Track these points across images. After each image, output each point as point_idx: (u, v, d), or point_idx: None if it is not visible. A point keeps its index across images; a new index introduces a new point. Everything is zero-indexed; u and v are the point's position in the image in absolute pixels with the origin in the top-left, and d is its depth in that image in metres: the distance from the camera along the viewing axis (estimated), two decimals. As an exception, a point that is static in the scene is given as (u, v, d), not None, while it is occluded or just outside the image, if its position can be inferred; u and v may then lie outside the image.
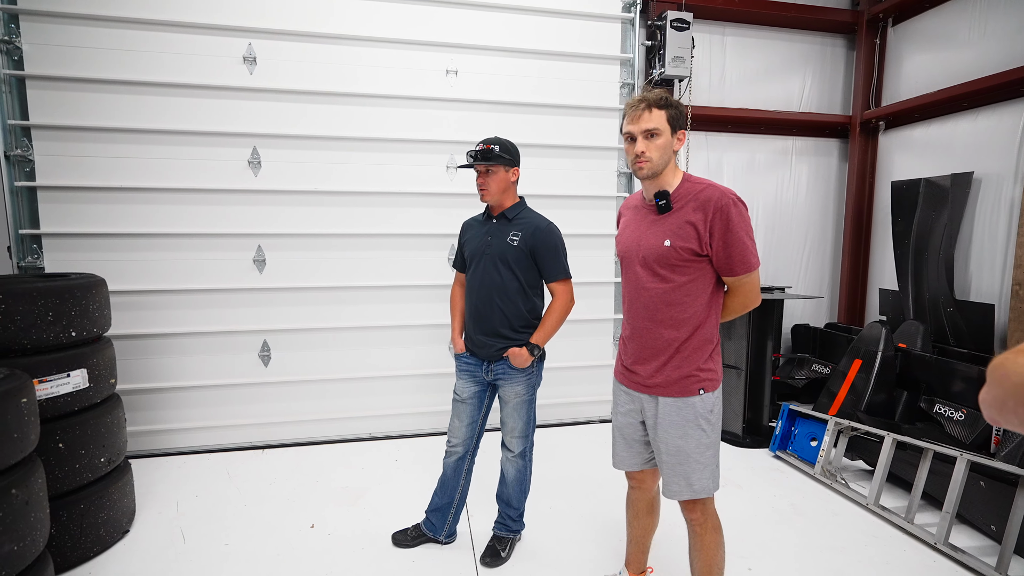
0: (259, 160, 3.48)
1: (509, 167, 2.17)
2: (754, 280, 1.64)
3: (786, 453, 3.55)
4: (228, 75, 3.37)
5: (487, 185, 2.15)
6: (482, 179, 2.16)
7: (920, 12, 4.28)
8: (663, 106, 1.62)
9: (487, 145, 2.14)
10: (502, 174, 2.15)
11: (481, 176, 2.16)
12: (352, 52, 3.53)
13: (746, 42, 4.54)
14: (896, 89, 4.52)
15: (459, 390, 2.33)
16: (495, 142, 2.16)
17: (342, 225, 3.62)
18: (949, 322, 3.88)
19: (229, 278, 3.49)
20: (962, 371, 3.28)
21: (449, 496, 2.40)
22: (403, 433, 3.83)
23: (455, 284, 2.45)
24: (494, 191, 2.15)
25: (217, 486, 3.06)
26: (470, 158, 2.16)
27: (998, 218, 3.70)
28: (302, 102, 3.49)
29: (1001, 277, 3.69)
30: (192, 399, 3.51)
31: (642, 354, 1.74)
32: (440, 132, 3.70)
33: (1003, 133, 3.66)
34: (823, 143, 4.86)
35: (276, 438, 3.64)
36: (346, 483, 3.11)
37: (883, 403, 3.53)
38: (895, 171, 4.52)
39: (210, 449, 3.53)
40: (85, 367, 2.34)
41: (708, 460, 1.69)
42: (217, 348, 3.51)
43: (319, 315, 3.65)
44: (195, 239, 3.43)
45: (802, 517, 2.80)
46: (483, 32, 3.70)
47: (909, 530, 2.63)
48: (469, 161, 2.16)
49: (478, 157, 2.14)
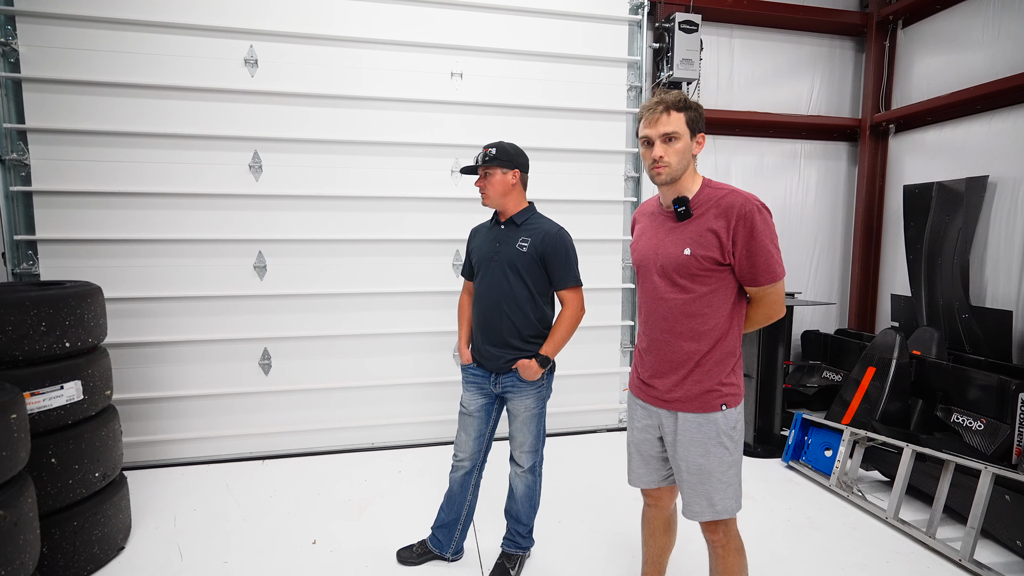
0: (260, 164, 3.41)
1: (508, 169, 2.09)
2: (779, 290, 1.56)
3: (799, 463, 3.46)
4: (229, 78, 3.31)
5: (485, 188, 2.11)
6: (481, 182, 2.13)
7: (931, 14, 4.22)
8: (682, 108, 1.55)
9: (485, 149, 2.12)
10: (499, 176, 2.10)
11: (480, 180, 2.13)
12: (355, 54, 3.47)
13: (754, 44, 4.48)
14: (907, 92, 4.45)
15: (466, 403, 2.25)
16: (494, 146, 2.12)
17: (344, 230, 3.55)
18: (965, 329, 3.80)
19: (229, 285, 3.41)
20: (980, 379, 3.20)
21: (456, 512, 2.32)
22: (406, 443, 3.74)
23: (463, 293, 2.38)
24: (493, 194, 2.11)
25: (216, 499, 2.97)
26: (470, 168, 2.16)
27: (1015, 223, 3.62)
28: (304, 105, 3.43)
29: (1019, 283, 3.61)
30: (191, 409, 3.42)
31: (660, 367, 1.66)
32: (444, 135, 3.63)
33: (1019, 136, 3.59)
34: (832, 146, 4.79)
35: (276, 448, 3.55)
36: (349, 496, 3.02)
37: (898, 412, 3.45)
38: (906, 175, 4.45)
39: (209, 460, 3.44)
40: (79, 379, 2.26)
41: (731, 479, 1.61)
42: (216, 356, 3.43)
43: (321, 322, 3.57)
44: (194, 245, 3.35)
45: (820, 532, 2.71)
46: (487, 34, 3.63)
47: (932, 546, 2.54)
48: (470, 168, 2.16)
49: (475, 161, 2.13)
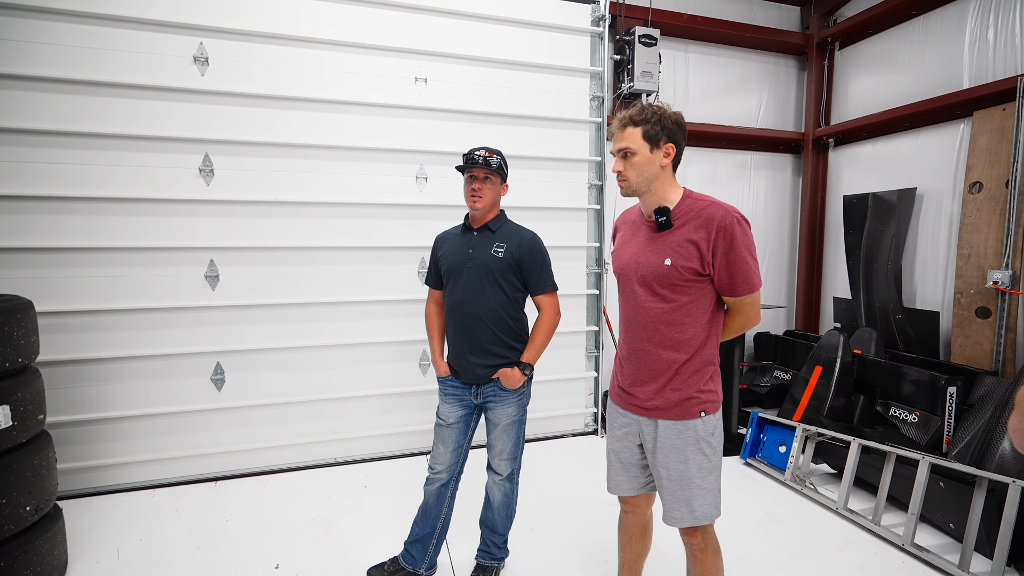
0: (212, 168, 3.22)
1: (504, 180, 2.14)
2: (756, 300, 1.62)
3: (756, 460, 3.62)
4: (177, 76, 3.11)
5: (483, 192, 2.06)
6: (479, 184, 2.06)
7: (865, 37, 4.56)
8: (638, 122, 1.58)
9: (490, 153, 2.07)
10: (497, 185, 2.10)
11: (479, 182, 2.07)
12: (316, 56, 3.35)
13: (707, 60, 4.69)
14: (844, 108, 4.79)
15: (444, 415, 2.20)
16: (496, 152, 2.09)
17: (303, 238, 3.41)
18: (898, 328, 4.11)
19: (178, 295, 3.20)
20: (913, 376, 3.47)
21: (431, 525, 2.26)
22: (372, 456, 3.63)
23: (429, 303, 2.32)
24: (488, 200, 2.08)
25: (165, 526, 2.76)
26: (470, 161, 2.06)
27: (939, 231, 3.97)
28: (259, 106, 3.27)
29: (943, 286, 3.95)
30: (135, 430, 3.17)
31: (640, 375, 1.69)
32: (409, 141, 3.57)
33: (943, 152, 3.94)
34: (779, 158, 5.08)
35: (231, 469, 3.35)
36: (312, 514, 2.89)
37: (843, 408, 3.68)
38: (845, 186, 4.77)
39: (155, 485, 3.20)
40: (7, 403, 2.05)
41: (710, 485, 1.65)
42: (164, 372, 3.20)
43: (278, 334, 3.40)
44: (139, 253, 3.12)
45: (778, 525, 2.84)
46: (453, 40, 3.61)
47: (878, 532, 2.72)
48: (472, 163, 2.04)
49: (480, 162, 2.04)
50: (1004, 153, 3.46)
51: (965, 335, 3.68)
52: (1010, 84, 3.40)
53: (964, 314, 3.69)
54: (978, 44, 3.71)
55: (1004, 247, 3.44)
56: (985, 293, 3.55)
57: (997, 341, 3.48)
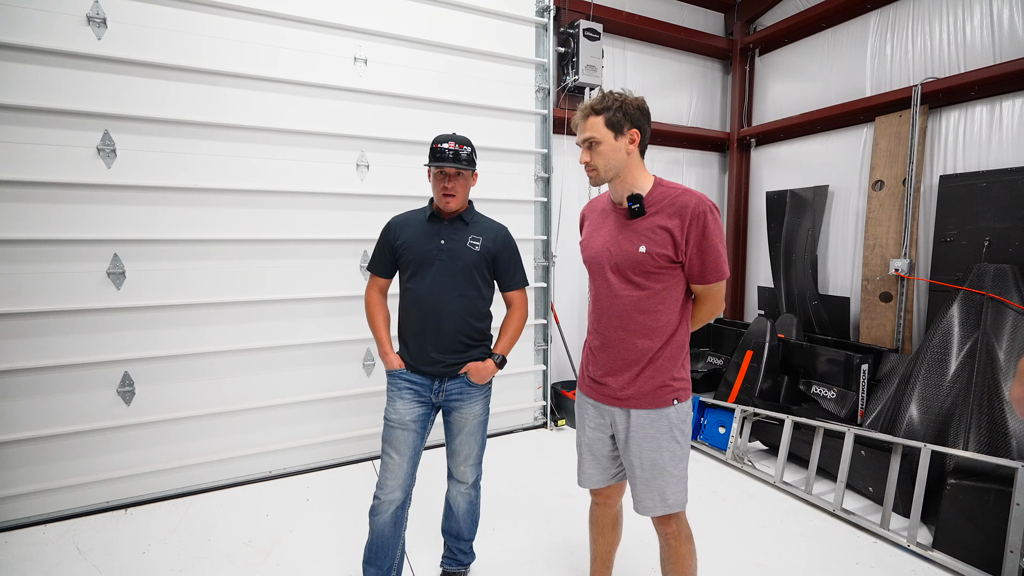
0: (113, 147, 2.79)
1: (474, 171, 1.96)
2: (722, 288, 1.65)
3: (698, 442, 3.80)
4: (67, 38, 2.65)
5: (455, 190, 1.88)
6: (452, 183, 1.88)
7: (781, 46, 4.94)
8: (600, 111, 1.57)
9: (460, 145, 1.88)
10: (470, 179, 1.94)
11: (451, 180, 1.88)
12: (243, 26, 3.00)
13: (644, 58, 4.84)
14: (764, 111, 5.16)
15: (400, 413, 1.92)
16: (465, 142, 1.90)
17: (225, 229, 3.05)
18: (815, 313, 4.50)
19: (75, 296, 2.74)
20: (830, 356, 3.81)
21: (389, 559, 1.93)
22: (314, 466, 3.35)
23: (372, 290, 2.06)
24: (462, 197, 1.93)
25: (64, 567, 2.35)
26: (439, 157, 1.86)
27: (848, 224, 4.39)
28: (172, 79, 2.88)
29: (852, 274, 4.37)
30: (20, 456, 2.68)
31: (614, 365, 1.67)
32: (348, 126, 3.32)
33: (850, 153, 4.35)
34: (707, 156, 5.37)
35: (145, 492, 2.94)
36: (249, 536, 2.60)
37: (771, 388, 3.97)
38: (766, 183, 5.14)
39: (48, 519, 2.73)
40: None
41: (681, 472, 1.66)
42: (58, 387, 2.73)
43: (196, 338, 3.02)
44: (26, 247, 2.63)
45: (725, 502, 2.99)
46: (396, 21, 3.40)
47: (811, 501, 2.95)
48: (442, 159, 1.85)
49: (450, 157, 1.85)
50: (901, 155, 3.89)
51: (871, 317, 4.10)
52: (906, 93, 3.81)
53: (870, 299, 4.11)
54: (878, 57, 4.14)
55: (903, 239, 3.87)
56: (887, 280, 3.98)
57: (897, 322, 3.91)
